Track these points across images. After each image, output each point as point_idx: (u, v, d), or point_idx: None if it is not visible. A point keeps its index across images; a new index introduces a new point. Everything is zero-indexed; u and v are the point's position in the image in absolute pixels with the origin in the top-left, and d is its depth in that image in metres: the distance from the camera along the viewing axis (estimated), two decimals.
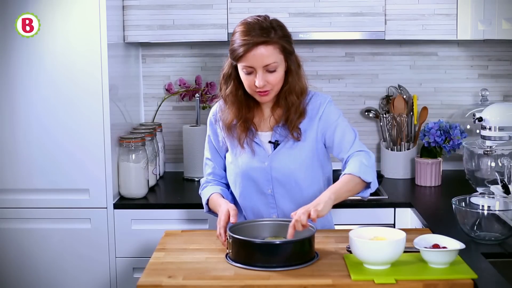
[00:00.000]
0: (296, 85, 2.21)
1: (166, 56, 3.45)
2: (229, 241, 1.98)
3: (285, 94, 2.21)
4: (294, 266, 1.91)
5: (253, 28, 2.11)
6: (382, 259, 1.87)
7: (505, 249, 2.11)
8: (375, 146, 3.46)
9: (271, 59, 2.11)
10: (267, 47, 2.10)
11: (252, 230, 2.10)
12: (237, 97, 2.23)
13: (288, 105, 2.22)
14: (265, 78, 2.12)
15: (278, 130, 2.24)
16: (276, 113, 2.26)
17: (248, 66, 2.12)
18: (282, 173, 2.24)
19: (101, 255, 2.89)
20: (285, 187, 2.25)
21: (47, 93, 2.82)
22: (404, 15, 3.05)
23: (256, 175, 2.25)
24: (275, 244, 1.93)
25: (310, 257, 1.97)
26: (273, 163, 2.23)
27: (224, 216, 2.12)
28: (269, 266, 1.90)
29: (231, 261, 1.97)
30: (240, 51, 2.10)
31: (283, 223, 2.11)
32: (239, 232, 2.01)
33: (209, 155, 2.38)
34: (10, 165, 2.86)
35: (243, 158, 2.25)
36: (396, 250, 1.87)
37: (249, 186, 2.27)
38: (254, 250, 1.93)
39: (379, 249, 1.87)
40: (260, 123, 2.28)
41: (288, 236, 1.97)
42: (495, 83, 3.40)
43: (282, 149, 2.23)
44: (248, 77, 2.14)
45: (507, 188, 2.43)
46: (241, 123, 2.23)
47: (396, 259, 1.89)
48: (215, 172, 2.38)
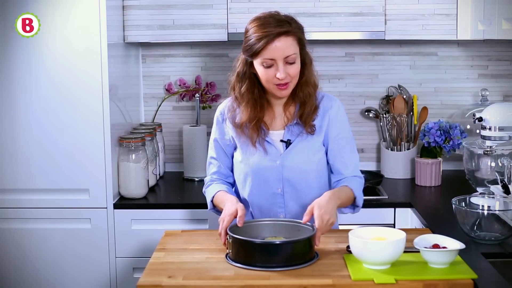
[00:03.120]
0: (311, 77, 2.23)
1: (166, 56, 3.45)
2: (229, 241, 1.97)
3: (302, 87, 2.22)
4: (294, 266, 1.91)
5: (269, 21, 2.12)
6: (382, 259, 1.87)
7: (505, 249, 2.11)
8: (375, 146, 3.46)
9: (291, 50, 2.12)
10: (287, 38, 2.11)
11: (252, 230, 2.09)
12: (253, 94, 2.22)
13: (304, 99, 2.22)
14: (285, 70, 2.13)
15: (291, 128, 2.24)
16: (288, 111, 2.26)
17: (269, 58, 2.11)
18: (294, 173, 2.24)
19: (101, 255, 2.89)
20: (295, 187, 2.25)
21: (47, 93, 2.82)
22: (404, 15, 3.05)
23: (267, 174, 2.25)
24: (275, 244, 1.93)
25: (310, 257, 1.97)
26: (285, 162, 2.23)
27: (229, 217, 2.07)
28: (269, 266, 1.90)
29: (231, 261, 1.97)
30: (261, 44, 2.09)
31: (283, 223, 2.12)
32: (239, 232, 2.01)
33: (215, 154, 2.36)
34: (10, 165, 2.86)
35: (254, 157, 2.25)
36: (396, 250, 1.87)
37: (259, 185, 2.27)
38: (254, 250, 1.93)
39: (379, 249, 1.86)
40: (272, 122, 2.27)
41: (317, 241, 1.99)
42: (495, 83, 3.40)
43: (294, 148, 2.23)
44: (268, 70, 2.14)
45: (507, 188, 2.43)
46: (254, 123, 2.22)
47: (396, 259, 1.89)
48: (220, 171, 2.36)
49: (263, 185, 2.26)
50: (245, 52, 2.17)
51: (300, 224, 2.08)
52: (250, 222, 2.13)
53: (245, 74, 2.21)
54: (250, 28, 2.16)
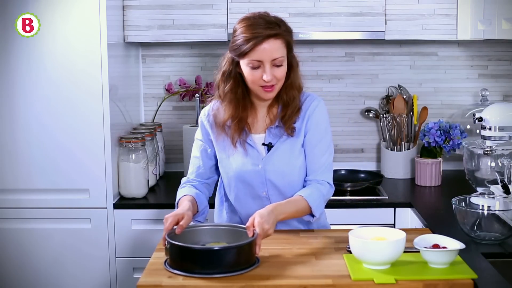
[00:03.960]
0: (296, 80, 2.22)
1: (166, 56, 3.45)
2: (167, 247, 1.91)
3: (286, 90, 2.21)
4: (234, 272, 1.86)
5: (258, 22, 2.11)
6: (382, 259, 1.87)
7: (505, 249, 2.11)
8: (375, 146, 3.46)
9: (279, 53, 2.11)
10: (276, 41, 2.10)
11: (192, 235, 2.04)
12: (236, 94, 2.21)
13: (288, 101, 2.21)
14: (272, 73, 2.12)
15: (272, 131, 2.23)
16: (271, 112, 2.25)
17: (256, 60, 2.10)
18: (276, 176, 2.22)
19: (101, 255, 2.89)
20: (279, 189, 2.23)
21: (47, 93, 2.82)
22: (404, 15, 3.05)
23: (250, 178, 2.23)
24: (214, 250, 1.87)
25: (250, 263, 1.92)
26: (267, 166, 2.22)
27: (173, 218, 2.02)
28: (208, 273, 1.85)
29: (169, 267, 1.91)
30: (249, 45, 2.08)
31: (224, 228, 2.08)
32: (179, 236, 1.96)
33: (198, 154, 2.32)
34: (10, 165, 2.86)
35: (236, 160, 2.23)
36: (396, 250, 1.87)
37: (243, 188, 2.25)
38: (192, 256, 1.86)
39: (379, 249, 1.86)
40: (254, 124, 2.26)
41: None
42: (495, 83, 3.40)
43: (276, 151, 2.22)
44: (254, 72, 2.13)
45: (507, 188, 2.43)
46: (236, 122, 2.21)
47: (396, 259, 1.89)
48: (199, 171, 2.32)
49: (248, 189, 2.25)
50: (232, 52, 2.16)
51: (241, 229, 2.03)
52: (190, 228, 2.07)
53: (231, 73, 2.19)
54: (238, 28, 2.14)
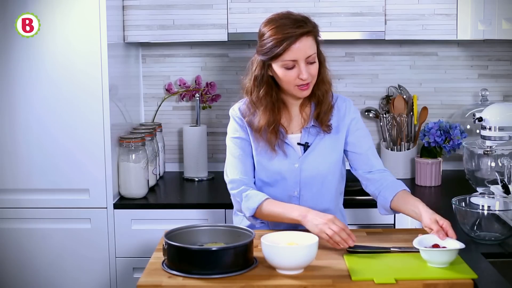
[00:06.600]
0: (326, 75, 2.24)
1: (166, 56, 3.45)
2: (165, 247, 1.92)
3: (319, 86, 2.22)
4: (231, 273, 1.86)
5: (285, 23, 2.11)
6: (293, 264, 1.85)
7: (505, 249, 2.11)
8: (375, 146, 3.45)
9: (312, 50, 2.13)
10: (308, 38, 2.12)
11: (190, 236, 2.03)
12: (271, 98, 2.20)
13: (321, 97, 2.23)
14: (307, 70, 2.13)
15: (308, 131, 2.25)
16: (304, 112, 2.27)
17: (291, 60, 2.11)
18: (312, 175, 2.24)
19: (101, 255, 2.89)
20: (311, 189, 2.25)
21: (47, 93, 2.82)
22: (404, 15, 3.05)
23: (285, 177, 2.24)
24: (212, 251, 1.87)
25: (249, 264, 1.92)
26: (304, 165, 2.23)
27: (344, 226, 2.03)
28: (205, 274, 1.85)
29: (167, 268, 1.91)
30: (283, 47, 2.08)
31: (222, 229, 2.08)
32: (176, 238, 1.96)
33: (242, 152, 2.26)
34: (10, 165, 2.86)
35: (274, 161, 2.24)
36: (308, 255, 1.85)
37: (276, 188, 2.26)
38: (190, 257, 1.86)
39: (291, 254, 1.85)
40: (289, 124, 2.27)
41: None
42: (495, 83, 3.40)
43: (313, 151, 2.24)
44: (289, 72, 2.13)
45: (507, 188, 2.43)
46: (273, 126, 2.20)
47: (308, 264, 1.87)
48: (248, 170, 2.27)
49: (280, 188, 2.26)
50: (263, 55, 2.15)
51: (239, 229, 2.03)
52: (188, 228, 2.07)
53: (263, 77, 2.19)
54: (266, 31, 2.13)
